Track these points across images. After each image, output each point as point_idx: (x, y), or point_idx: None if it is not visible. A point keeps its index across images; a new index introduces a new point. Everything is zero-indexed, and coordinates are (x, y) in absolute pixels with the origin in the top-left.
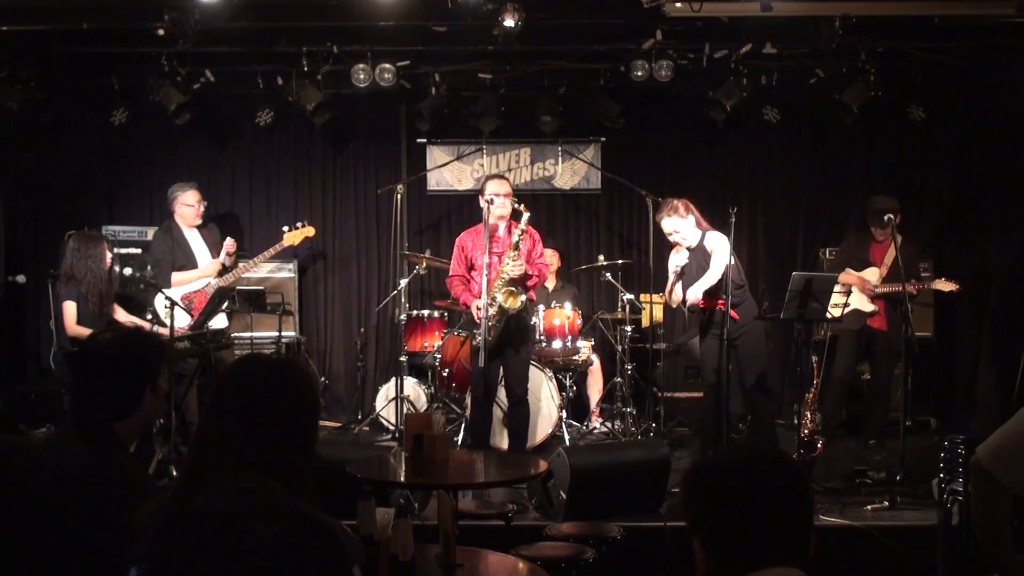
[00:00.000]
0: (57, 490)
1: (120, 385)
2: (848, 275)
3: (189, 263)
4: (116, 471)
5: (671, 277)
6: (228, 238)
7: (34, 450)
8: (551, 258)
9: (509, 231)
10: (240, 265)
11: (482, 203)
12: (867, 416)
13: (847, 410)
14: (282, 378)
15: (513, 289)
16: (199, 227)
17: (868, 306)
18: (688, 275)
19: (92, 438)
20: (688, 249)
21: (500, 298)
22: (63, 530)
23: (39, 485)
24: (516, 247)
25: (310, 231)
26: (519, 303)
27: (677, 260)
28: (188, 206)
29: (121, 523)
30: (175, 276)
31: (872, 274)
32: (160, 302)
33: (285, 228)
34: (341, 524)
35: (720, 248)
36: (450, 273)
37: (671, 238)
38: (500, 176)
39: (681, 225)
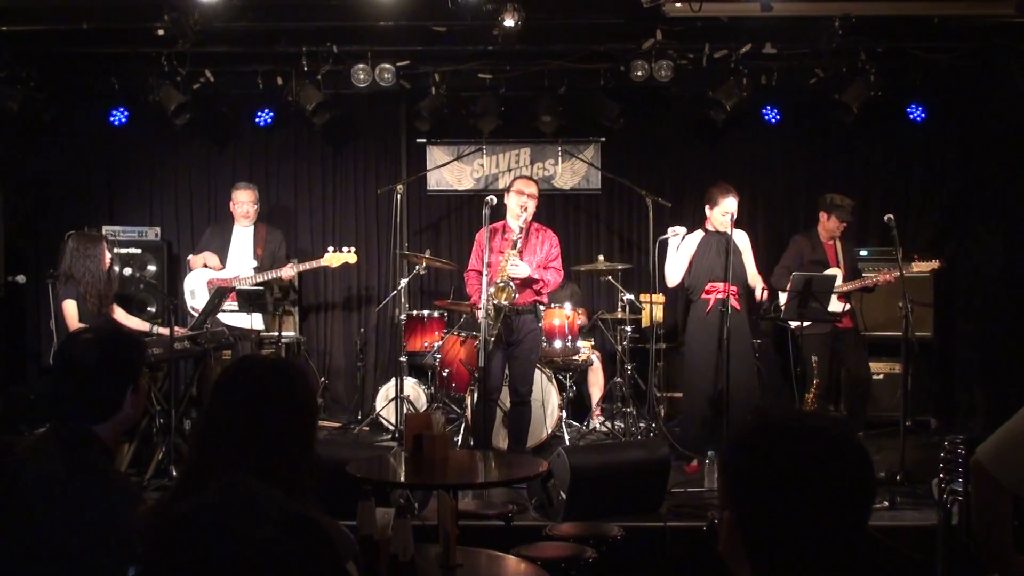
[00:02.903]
0: (36, 495)
1: (101, 388)
2: None
3: (221, 254)
4: (96, 476)
5: (673, 241)
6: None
7: (18, 453)
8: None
9: (527, 233)
10: (273, 270)
11: (508, 200)
12: (849, 414)
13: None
14: (278, 379)
15: (502, 285)
16: (256, 225)
17: (837, 306)
18: (706, 257)
19: (73, 442)
20: (706, 232)
21: (492, 291)
22: (42, 535)
23: (19, 489)
24: (515, 246)
25: (352, 258)
26: (507, 298)
27: (677, 232)
28: (236, 203)
29: (103, 527)
30: (192, 258)
31: (836, 276)
32: (188, 286)
33: (331, 249)
34: (334, 522)
35: (748, 249)
36: (468, 267)
37: (725, 217)
38: (529, 177)
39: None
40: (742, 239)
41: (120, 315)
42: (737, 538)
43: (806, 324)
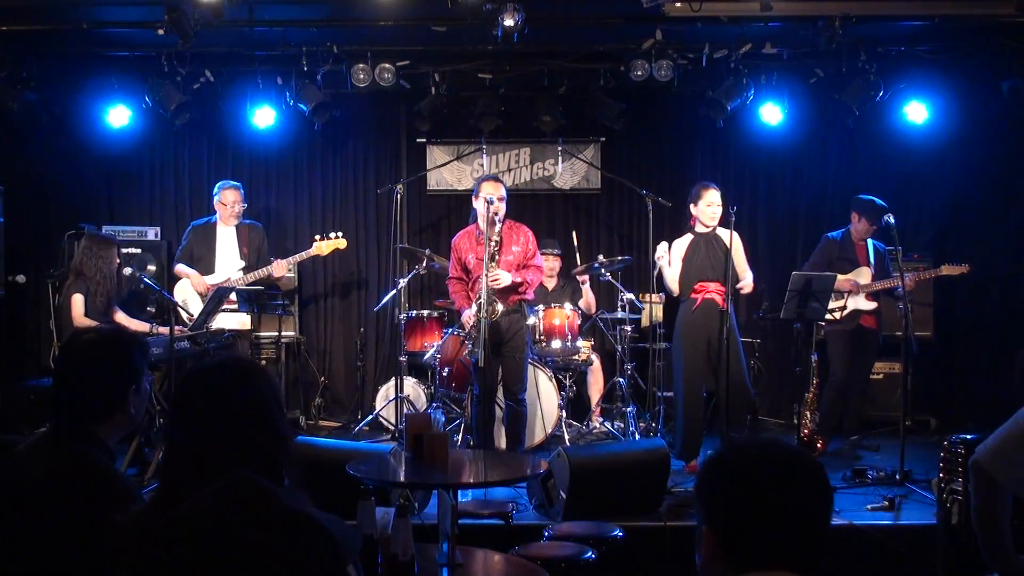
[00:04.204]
0: (36, 493)
1: (103, 386)
2: (840, 280)
3: (208, 257)
4: (97, 474)
5: (662, 262)
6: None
7: (18, 453)
8: (553, 261)
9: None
10: (263, 268)
11: (476, 204)
12: (846, 413)
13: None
14: (232, 375)
15: (483, 301)
16: (238, 225)
17: (868, 304)
18: (696, 257)
19: (73, 440)
20: (695, 233)
21: (475, 311)
22: (42, 535)
23: (19, 489)
24: (492, 259)
25: (342, 243)
26: (492, 315)
27: (664, 250)
28: (222, 204)
29: (103, 526)
30: (180, 267)
31: (865, 274)
32: (180, 295)
33: (317, 237)
34: (337, 519)
35: (738, 249)
36: (449, 275)
37: (711, 208)
38: (495, 178)
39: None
40: (727, 237)
41: (121, 318)
42: (714, 549)
43: (829, 321)
